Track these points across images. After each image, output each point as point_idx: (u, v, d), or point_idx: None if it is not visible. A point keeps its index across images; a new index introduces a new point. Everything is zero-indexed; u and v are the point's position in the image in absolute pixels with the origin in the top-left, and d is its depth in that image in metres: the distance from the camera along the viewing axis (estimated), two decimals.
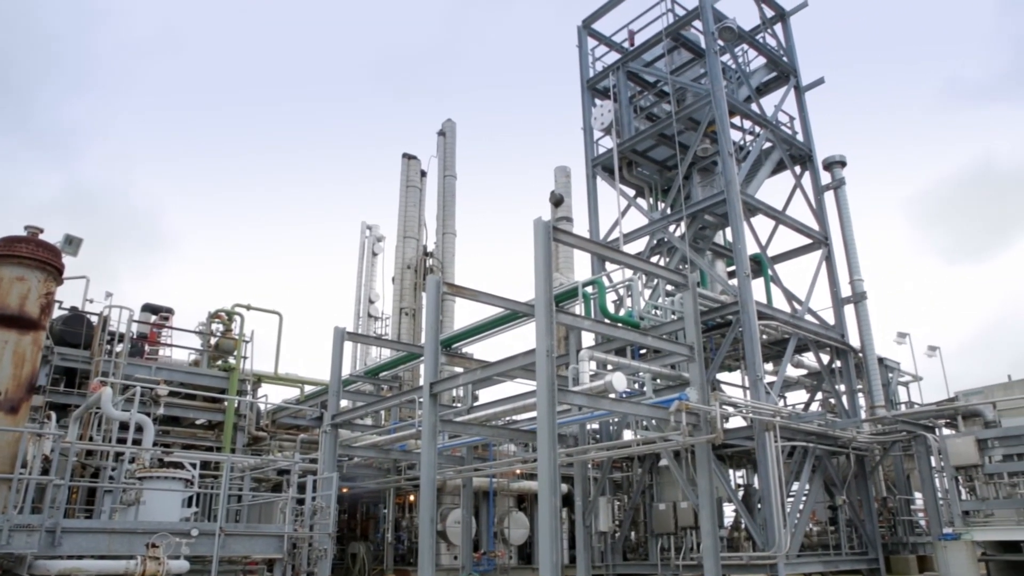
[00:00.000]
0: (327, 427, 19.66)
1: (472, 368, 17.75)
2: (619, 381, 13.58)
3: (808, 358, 20.94)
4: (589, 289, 17.57)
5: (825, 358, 19.82)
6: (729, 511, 20.00)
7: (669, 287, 17.71)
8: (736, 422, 16.53)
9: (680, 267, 19.24)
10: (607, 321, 16.28)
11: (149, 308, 25.05)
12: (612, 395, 13.87)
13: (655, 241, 20.99)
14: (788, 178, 21.40)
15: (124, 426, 16.79)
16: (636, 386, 17.54)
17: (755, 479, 19.39)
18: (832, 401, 20.29)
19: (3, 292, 12.71)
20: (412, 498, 24.77)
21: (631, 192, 22.17)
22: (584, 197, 21.96)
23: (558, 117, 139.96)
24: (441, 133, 36.18)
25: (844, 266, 20.39)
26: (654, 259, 21.01)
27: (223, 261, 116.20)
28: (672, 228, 20.27)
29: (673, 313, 16.92)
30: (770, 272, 19.82)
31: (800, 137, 21.88)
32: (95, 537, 11.77)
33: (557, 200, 33.07)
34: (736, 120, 21.37)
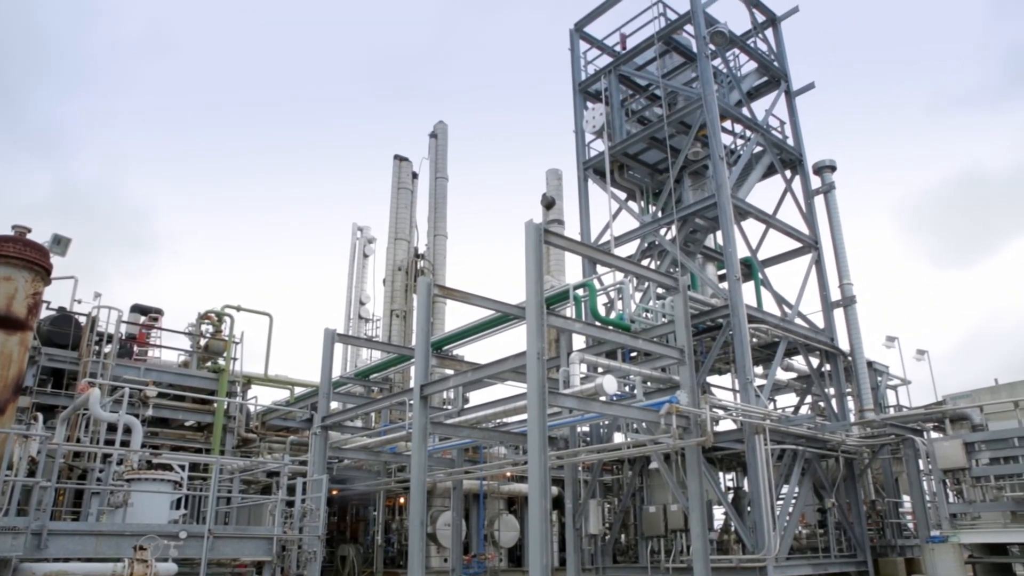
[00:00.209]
0: (317, 429, 19.59)
1: (463, 370, 17.72)
2: (610, 384, 13.59)
3: (798, 361, 21.04)
4: (580, 292, 17.58)
5: (815, 361, 19.91)
6: (719, 514, 20.07)
7: (660, 290, 17.76)
8: (726, 425, 16.57)
9: (671, 270, 19.29)
10: (598, 324, 16.29)
11: (138, 309, 24.93)
12: (603, 398, 13.88)
13: (646, 244, 21.04)
14: (778, 182, 21.53)
15: (112, 428, 16.69)
16: (626, 389, 17.55)
17: (745, 482, 19.46)
18: (821, 404, 20.38)
19: None
20: (402, 500, 24.72)
21: (622, 195, 22.22)
22: (576, 200, 22.02)
23: (550, 120, 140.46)
24: (433, 135, 36.16)
25: (834, 270, 20.53)
26: (645, 262, 21.07)
27: (214, 262, 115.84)
28: (663, 231, 20.33)
29: (664, 316, 16.97)
30: (760, 276, 19.90)
31: (790, 141, 21.99)
32: (82, 540, 11.69)
33: (548, 203, 33.10)
34: (727, 124, 21.44)
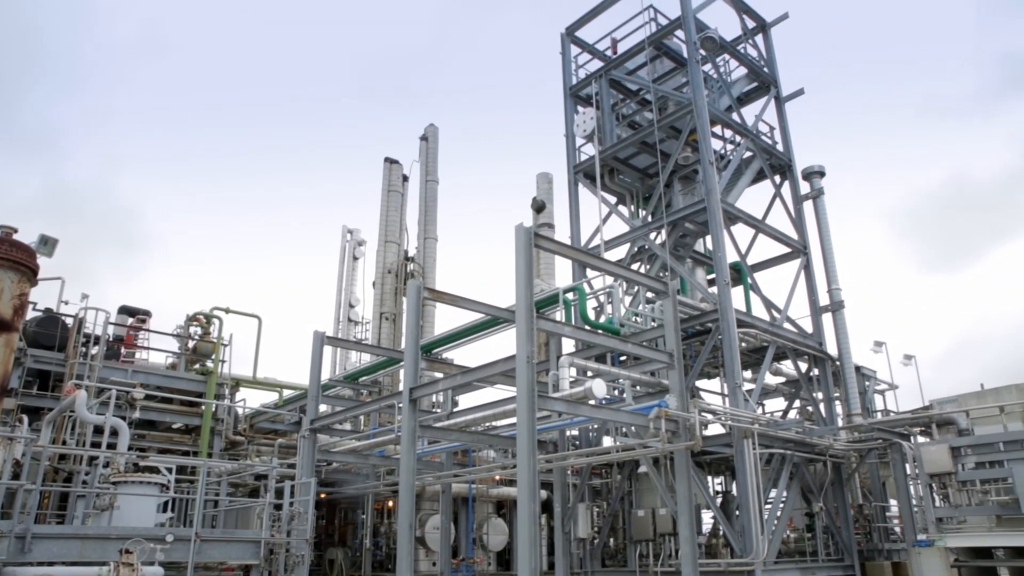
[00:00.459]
0: (306, 432, 19.51)
1: (452, 374, 17.70)
2: (599, 388, 13.61)
3: (786, 366, 21.12)
4: (570, 295, 17.60)
5: (803, 366, 19.99)
6: (707, 518, 20.12)
7: (649, 294, 17.81)
8: (715, 429, 16.62)
9: (660, 274, 19.33)
10: (587, 328, 16.32)
11: (126, 310, 24.79)
12: (592, 401, 13.89)
13: (636, 248, 21.09)
14: (768, 187, 21.62)
15: (99, 430, 16.58)
16: (616, 393, 17.57)
17: (733, 486, 19.50)
18: (810, 409, 20.46)
19: None
20: (391, 504, 24.65)
21: (613, 199, 22.27)
22: (566, 203, 22.04)
23: (540, 123, 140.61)
24: (424, 138, 36.12)
25: (822, 275, 20.62)
26: (635, 266, 21.11)
27: (204, 263, 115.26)
28: (653, 235, 20.38)
29: (653, 320, 17.00)
30: (749, 280, 19.98)
31: (780, 147, 22.10)
32: (67, 543, 11.61)
33: (539, 206, 33.11)
34: (717, 129, 21.54)
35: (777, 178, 21.59)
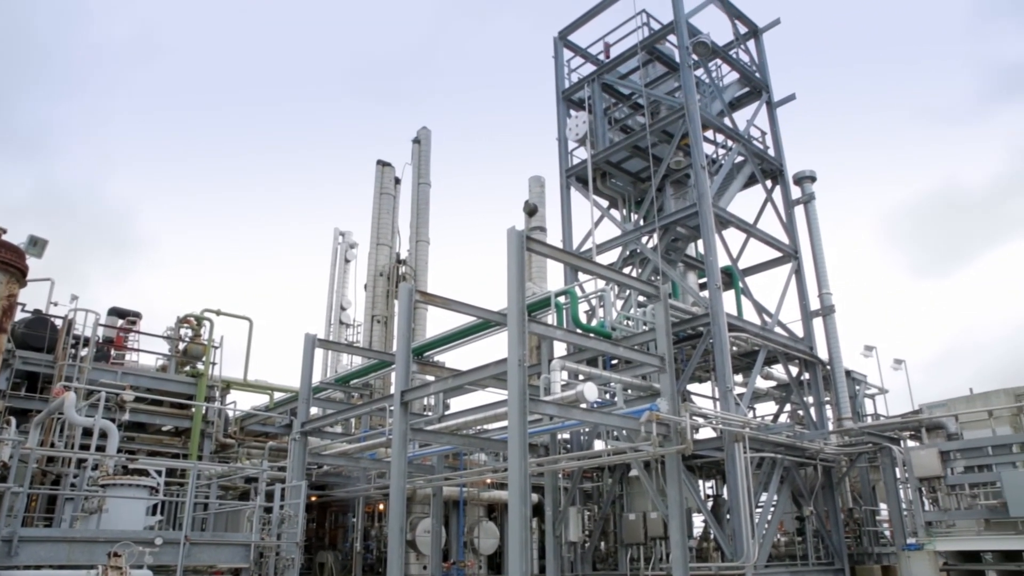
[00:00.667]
0: (296, 434, 19.44)
1: (444, 377, 17.69)
2: (590, 391, 13.61)
3: (777, 370, 21.18)
4: (561, 299, 17.62)
5: (794, 370, 20.07)
6: (698, 521, 20.14)
7: (641, 298, 17.82)
8: (706, 433, 16.66)
9: (652, 278, 19.38)
10: (579, 331, 16.34)
11: (116, 312, 24.68)
12: (583, 405, 13.89)
13: (628, 252, 21.14)
14: (759, 192, 21.71)
15: (87, 432, 16.49)
16: (607, 396, 17.60)
17: (724, 490, 19.55)
18: (800, 413, 20.53)
19: None
20: (381, 507, 24.58)
21: (604, 203, 22.32)
22: (558, 207, 22.09)
23: (533, 127, 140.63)
24: (416, 141, 36.10)
25: (813, 279, 20.70)
26: (626, 270, 21.15)
27: (196, 265, 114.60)
28: (645, 239, 20.43)
29: (645, 324, 17.03)
30: (741, 284, 20.04)
31: (771, 152, 22.20)
32: (54, 546, 11.54)
33: (531, 210, 33.14)
34: (709, 134, 21.62)
35: (769, 183, 21.68)
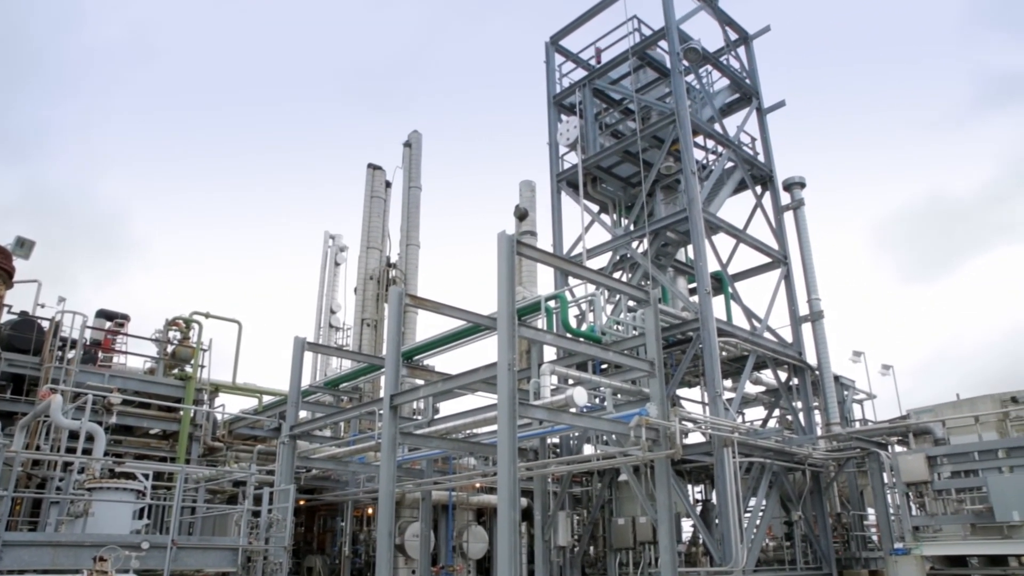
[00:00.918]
0: (285, 438, 19.37)
1: (433, 380, 17.67)
2: (580, 396, 13.63)
3: (766, 375, 21.26)
4: (552, 303, 17.62)
5: (783, 375, 20.14)
6: (687, 526, 20.16)
7: (631, 303, 17.86)
8: (695, 438, 16.72)
9: (642, 283, 19.43)
10: (569, 336, 16.35)
11: (104, 314, 24.53)
12: (573, 409, 13.92)
13: (618, 257, 21.18)
14: (749, 198, 21.79)
15: (74, 435, 16.37)
16: (597, 401, 17.63)
17: (713, 494, 19.59)
18: (789, 418, 20.60)
19: None
20: (370, 511, 24.50)
21: (595, 208, 22.36)
22: (548, 212, 22.11)
23: (524, 131, 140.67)
24: (407, 144, 36.10)
25: (802, 285, 20.79)
26: (617, 275, 21.18)
27: (186, 267, 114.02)
28: (635, 244, 20.48)
29: (634, 329, 17.07)
30: (730, 290, 20.11)
31: (761, 158, 22.31)
32: (39, 551, 11.44)
33: (522, 214, 33.18)
34: (699, 139, 21.72)
35: (758, 188, 21.78)
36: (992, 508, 13.43)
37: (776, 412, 22.14)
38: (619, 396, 17.83)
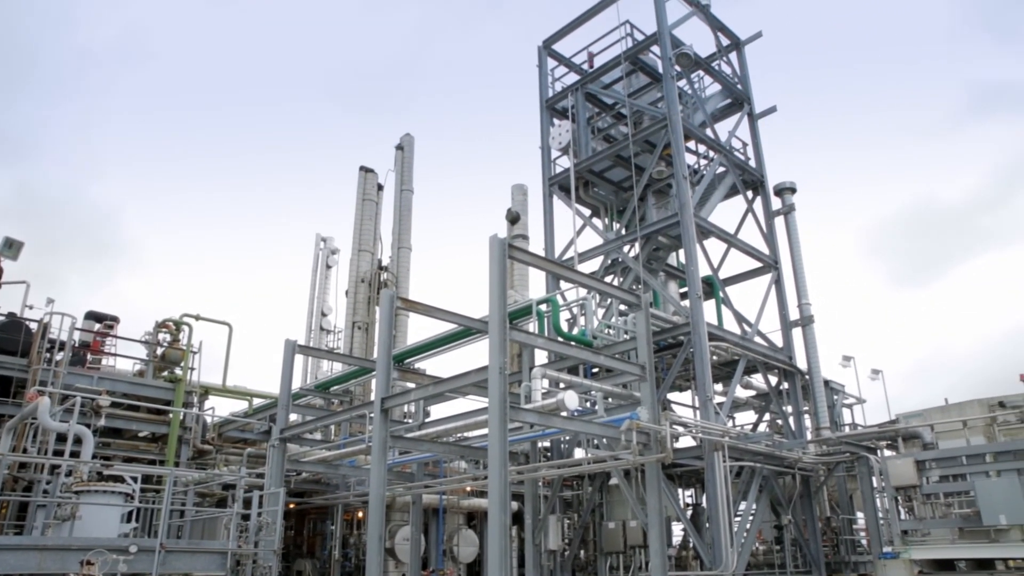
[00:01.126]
0: (275, 441, 19.30)
1: (424, 384, 17.64)
2: (571, 399, 13.63)
3: (757, 379, 21.33)
4: (543, 307, 17.63)
5: (773, 380, 20.21)
6: (677, 530, 20.21)
7: (622, 307, 17.91)
8: (686, 442, 16.72)
9: (633, 287, 19.46)
10: (560, 339, 16.35)
11: (93, 316, 24.37)
12: (564, 413, 13.91)
13: (609, 261, 21.21)
14: (740, 202, 21.90)
15: (62, 438, 16.25)
16: (588, 404, 17.61)
17: (703, 498, 19.61)
18: (779, 422, 20.67)
19: None
20: (360, 514, 24.44)
21: (587, 212, 22.39)
22: (541, 215, 22.13)
23: (516, 135, 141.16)
24: (399, 147, 36.05)
25: (793, 289, 20.89)
26: (608, 279, 21.23)
27: (177, 269, 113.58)
28: (626, 248, 20.51)
29: (626, 333, 17.09)
30: (721, 294, 20.18)
31: (753, 163, 22.41)
32: (25, 554, 11.34)
33: (513, 218, 33.18)
34: (691, 144, 21.79)
35: (749, 193, 21.87)
36: (980, 512, 13.51)
37: (766, 416, 22.22)
38: (610, 400, 17.83)
